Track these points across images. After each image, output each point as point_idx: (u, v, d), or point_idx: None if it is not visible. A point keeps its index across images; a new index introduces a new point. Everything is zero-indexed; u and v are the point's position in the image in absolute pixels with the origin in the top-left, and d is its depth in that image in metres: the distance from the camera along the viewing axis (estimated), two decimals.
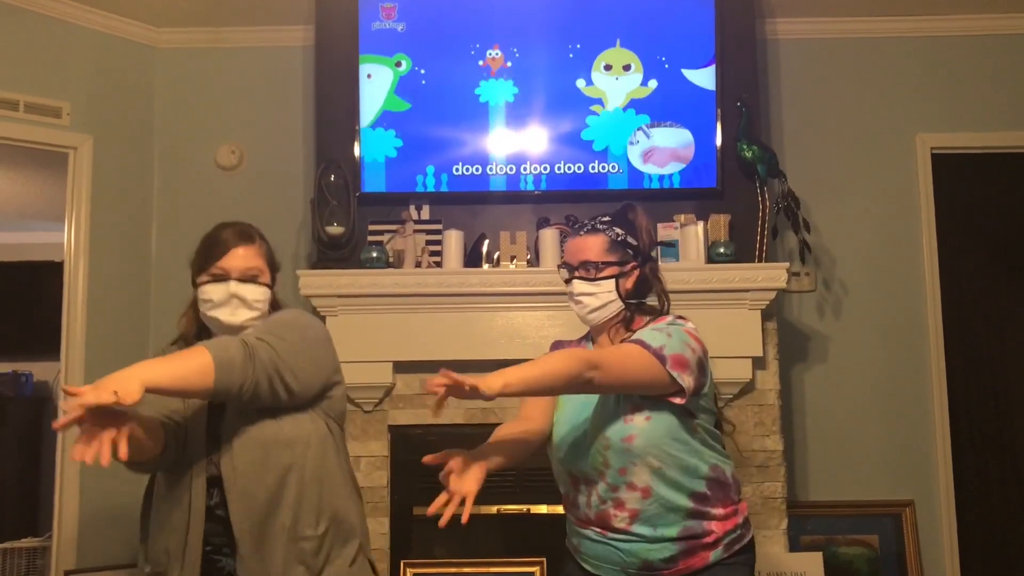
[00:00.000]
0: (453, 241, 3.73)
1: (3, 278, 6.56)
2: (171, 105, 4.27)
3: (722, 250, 3.70)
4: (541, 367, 1.90)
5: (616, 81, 3.87)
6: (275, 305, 2.25)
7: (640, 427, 2.04)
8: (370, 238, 3.82)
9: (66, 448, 3.86)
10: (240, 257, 2.15)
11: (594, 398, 2.11)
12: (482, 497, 3.63)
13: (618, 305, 2.16)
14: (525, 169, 3.86)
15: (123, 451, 1.71)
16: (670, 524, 2.06)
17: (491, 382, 1.79)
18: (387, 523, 3.69)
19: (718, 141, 3.85)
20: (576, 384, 1.91)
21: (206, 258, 2.16)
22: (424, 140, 3.87)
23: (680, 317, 2.15)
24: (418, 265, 3.75)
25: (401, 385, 3.76)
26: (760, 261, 3.74)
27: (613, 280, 2.15)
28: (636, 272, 2.18)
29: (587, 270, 2.16)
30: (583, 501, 2.13)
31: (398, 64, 3.88)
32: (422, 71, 3.88)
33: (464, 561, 3.60)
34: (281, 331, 2.08)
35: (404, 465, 3.74)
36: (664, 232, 3.76)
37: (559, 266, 2.25)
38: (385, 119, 3.87)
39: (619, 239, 2.17)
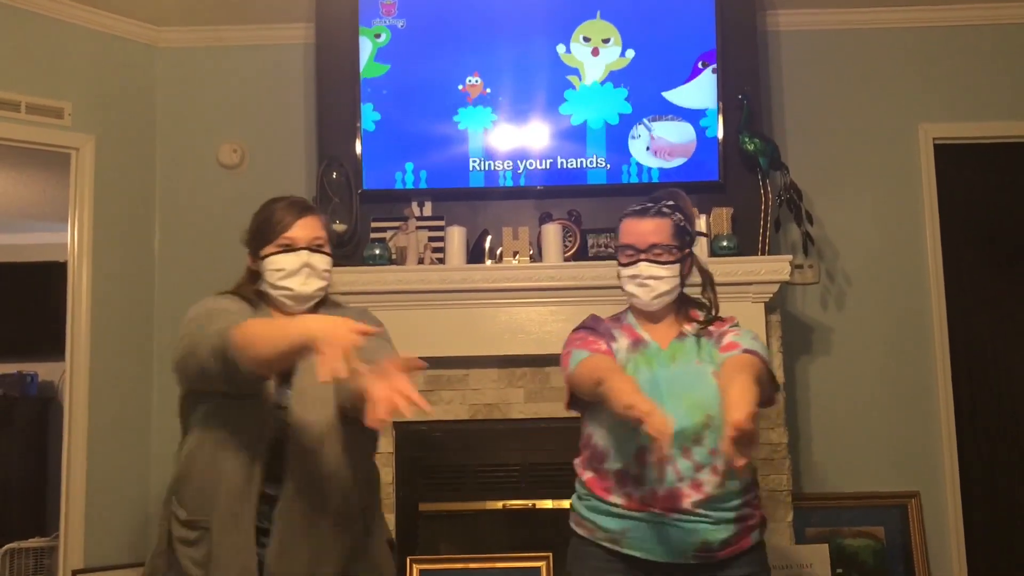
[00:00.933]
0: (455, 237, 3.73)
1: (7, 279, 6.58)
2: (172, 104, 4.27)
3: (725, 243, 3.70)
4: (753, 388, 1.91)
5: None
6: None
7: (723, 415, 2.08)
8: (372, 235, 3.82)
9: (72, 448, 3.87)
10: (306, 227, 2.16)
11: (678, 373, 2.14)
12: (487, 492, 3.71)
13: (679, 290, 2.23)
14: (525, 164, 3.86)
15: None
16: (729, 507, 2.11)
17: (739, 417, 1.79)
18: (393, 520, 3.69)
19: (720, 134, 3.84)
20: None
21: (269, 230, 2.15)
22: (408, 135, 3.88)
23: (728, 317, 2.27)
24: (421, 262, 3.75)
25: None
26: (763, 254, 3.73)
27: (678, 265, 2.20)
28: (690, 258, 2.24)
29: (657, 253, 2.17)
30: (650, 476, 2.09)
31: (377, 36, 3.88)
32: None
33: (470, 557, 3.61)
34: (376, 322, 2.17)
35: (409, 462, 3.75)
36: None
37: (617, 247, 2.24)
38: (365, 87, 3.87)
39: (681, 224, 2.22)
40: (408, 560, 3.58)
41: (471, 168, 3.85)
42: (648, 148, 3.85)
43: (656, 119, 3.85)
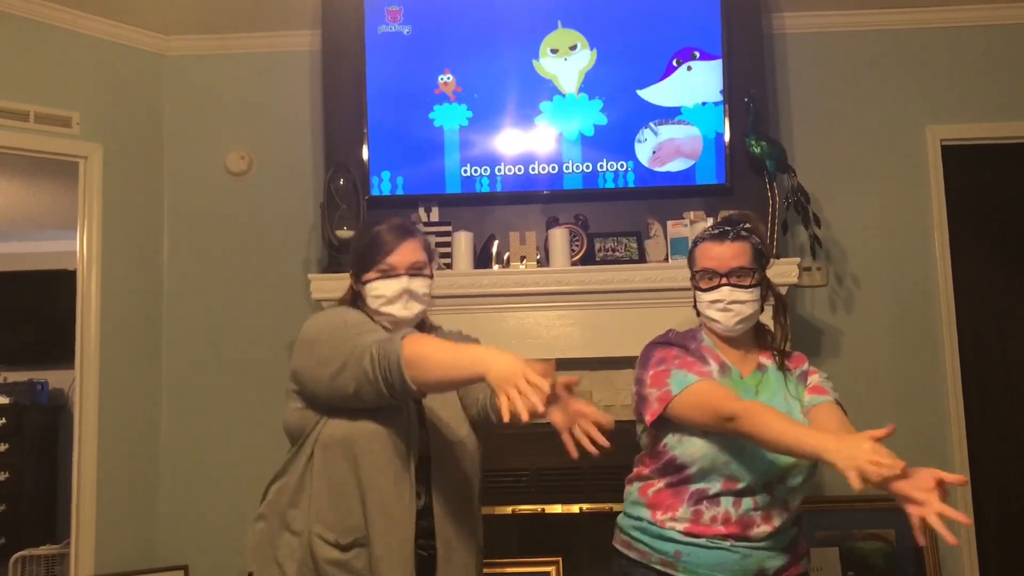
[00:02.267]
0: (463, 242, 3.73)
1: (17, 287, 6.61)
2: (180, 112, 4.28)
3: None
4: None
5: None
6: None
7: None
8: None
9: (82, 455, 3.88)
10: (406, 252, 2.18)
11: (787, 406, 2.15)
12: (496, 497, 3.70)
13: (760, 313, 2.20)
14: (532, 169, 3.86)
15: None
16: (786, 537, 2.15)
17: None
18: None
19: (727, 137, 3.84)
20: None
21: (372, 254, 2.18)
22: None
23: (798, 354, 2.31)
24: None
25: None
26: (771, 256, 3.72)
27: (759, 288, 2.18)
28: (767, 283, 2.22)
29: (741, 276, 2.15)
30: (730, 503, 2.10)
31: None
32: None
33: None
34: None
35: None
36: (673, 230, 3.76)
37: (695, 272, 2.21)
38: None
39: (759, 247, 2.19)
40: None
41: (464, 175, 3.86)
42: (654, 152, 3.85)
43: (662, 123, 3.85)
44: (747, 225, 2.20)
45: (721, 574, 2.09)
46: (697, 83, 3.87)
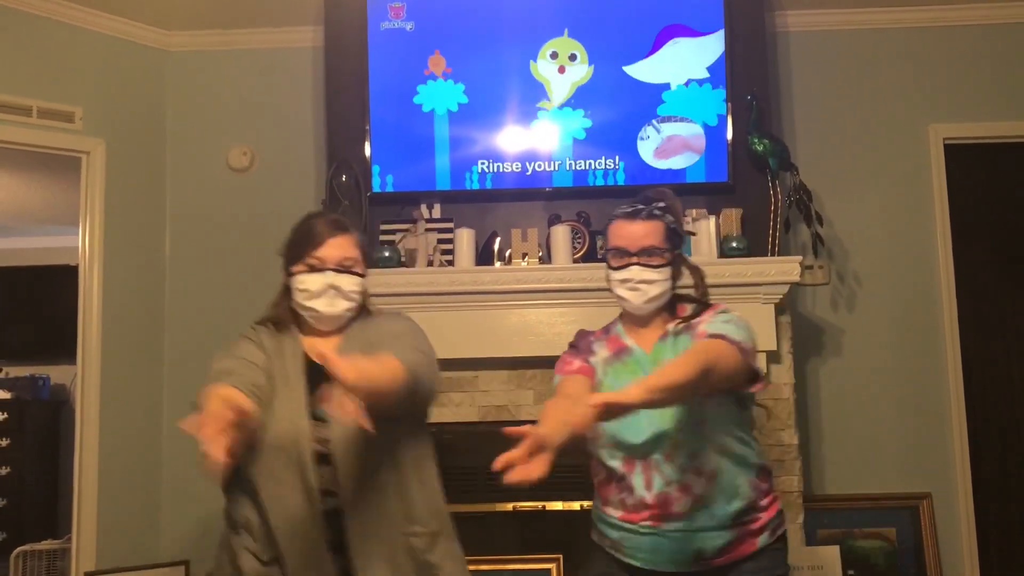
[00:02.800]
0: (465, 239, 3.73)
1: (19, 282, 6.61)
2: (182, 108, 4.28)
3: (734, 244, 3.69)
4: (678, 373, 1.81)
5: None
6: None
7: (712, 412, 2.05)
8: (382, 238, 3.83)
9: (84, 451, 3.89)
10: (336, 246, 2.14)
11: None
12: (497, 494, 3.70)
13: (670, 293, 2.17)
14: (534, 166, 3.86)
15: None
16: (727, 511, 2.06)
17: (633, 392, 1.73)
18: None
19: (729, 135, 3.84)
20: (694, 389, 1.87)
21: (301, 247, 2.15)
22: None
23: (715, 304, 2.18)
24: (430, 264, 3.76)
25: None
26: (773, 255, 3.72)
27: (670, 268, 2.15)
28: (679, 260, 2.19)
29: (651, 256, 2.13)
30: (640, 483, 2.07)
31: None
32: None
33: (480, 558, 3.60)
34: (421, 344, 2.12)
35: None
36: None
37: (607, 250, 2.19)
38: None
39: (672, 226, 2.17)
40: None
41: (460, 171, 3.86)
42: (657, 149, 3.84)
43: (665, 120, 3.85)
44: (661, 204, 2.17)
45: (658, 558, 2.08)
46: (684, 58, 3.86)
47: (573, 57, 3.88)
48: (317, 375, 2.02)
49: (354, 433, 1.98)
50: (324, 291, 2.11)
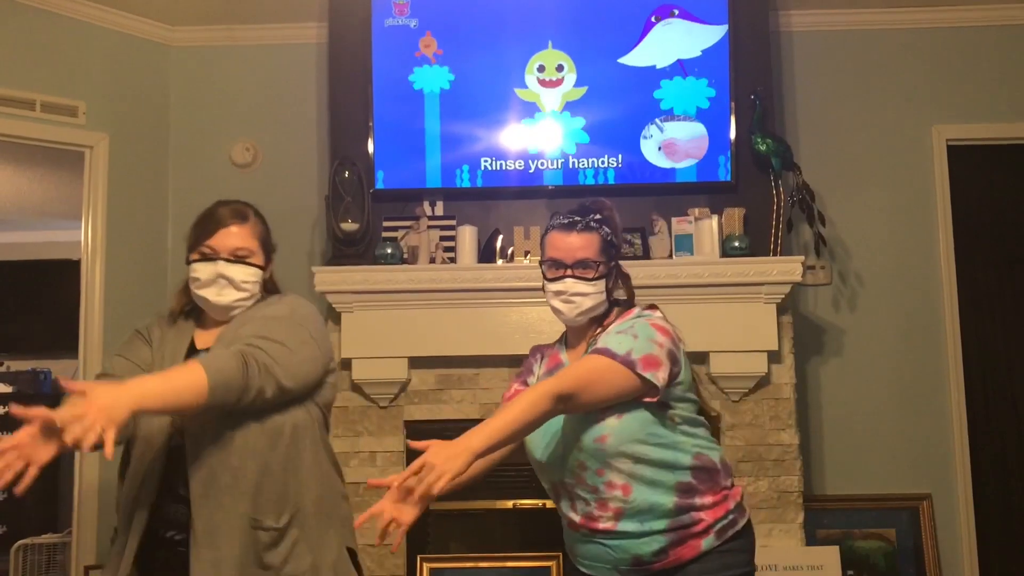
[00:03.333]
0: (467, 237, 3.73)
1: (22, 276, 6.62)
2: (186, 103, 4.29)
3: (737, 244, 3.69)
4: (509, 420, 1.84)
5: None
6: (271, 288, 2.23)
7: (612, 426, 2.00)
8: (384, 234, 3.83)
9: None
10: (231, 236, 2.12)
11: None
12: (498, 492, 3.71)
13: (604, 305, 2.15)
14: (537, 164, 3.86)
15: (23, 485, 1.77)
16: (657, 517, 2.01)
17: (454, 464, 1.73)
18: None
19: (732, 134, 3.83)
20: (549, 417, 1.91)
21: (198, 235, 2.14)
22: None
23: (649, 307, 2.14)
24: (432, 261, 3.76)
25: (416, 381, 3.77)
26: (775, 255, 3.72)
27: (603, 280, 2.12)
28: (615, 272, 2.16)
29: (585, 269, 2.10)
30: (566, 506, 2.11)
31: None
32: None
33: (481, 556, 3.62)
34: (278, 332, 2.03)
35: None
36: (678, 226, 3.76)
37: (541, 262, 2.18)
38: None
39: (608, 238, 2.14)
40: (419, 559, 3.59)
41: (482, 168, 3.86)
42: (660, 149, 3.85)
43: (668, 119, 3.85)
44: (597, 216, 2.15)
45: (601, 564, 2.08)
46: (676, 40, 3.87)
47: (560, 68, 3.87)
48: None
49: (209, 425, 1.98)
50: (214, 280, 2.10)
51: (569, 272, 2.11)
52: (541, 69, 3.88)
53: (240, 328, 2.07)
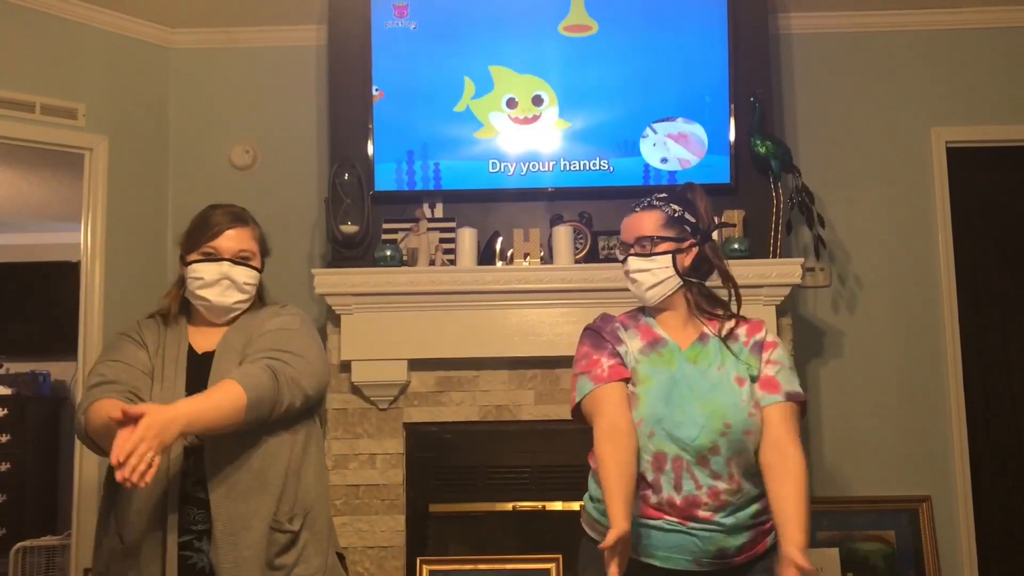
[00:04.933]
0: (467, 239, 3.73)
1: (21, 279, 6.62)
2: (185, 105, 4.29)
3: (736, 246, 3.69)
4: (806, 505, 1.99)
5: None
6: (259, 293, 2.26)
7: (757, 425, 2.05)
8: (384, 236, 3.83)
9: (84, 448, 3.88)
10: (233, 238, 2.16)
11: (697, 377, 2.08)
12: (497, 494, 3.71)
13: (676, 281, 2.13)
14: (536, 166, 3.86)
15: (149, 476, 1.78)
16: (749, 514, 2.08)
17: (800, 559, 1.92)
18: (403, 520, 3.70)
19: (731, 136, 3.84)
20: None
21: (198, 237, 2.17)
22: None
23: (755, 320, 2.20)
24: (432, 263, 3.76)
25: (416, 383, 3.77)
26: (774, 257, 3.72)
27: (670, 256, 2.12)
28: (694, 250, 2.14)
29: (642, 245, 2.13)
30: (667, 483, 2.04)
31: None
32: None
33: (480, 558, 3.61)
34: (296, 344, 2.10)
35: (419, 462, 3.76)
36: None
37: (616, 245, 2.21)
38: None
39: (676, 215, 2.14)
40: (418, 561, 3.59)
41: (491, 170, 3.86)
42: (658, 150, 3.84)
43: (666, 120, 3.85)
44: (662, 195, 2.18)
45: (679, 556, 2.05)
46: None
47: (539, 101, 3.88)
48: (198, 367, 2.08)
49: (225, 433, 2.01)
50: (218, 280, 2.13)
51: (631, 251, 2.15)
52: (511, 104, 3.89)
53: (257, 340, 2.10)
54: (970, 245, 4.16)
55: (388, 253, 3.70)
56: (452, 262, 3.76)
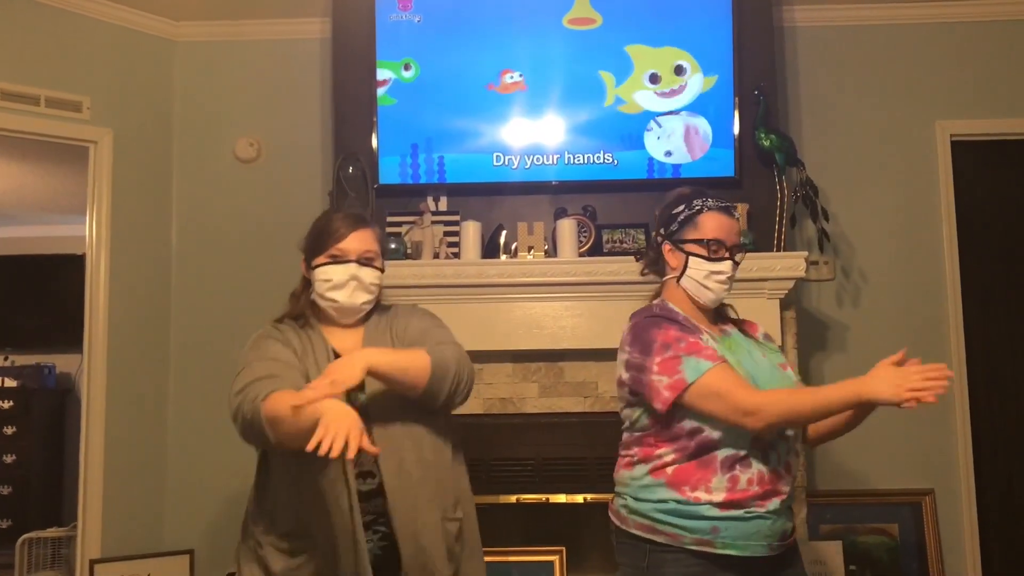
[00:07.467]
0: (471, 232, 3.74)
1: (26, 271, 6.64)
2: (190, 98, 4.29)
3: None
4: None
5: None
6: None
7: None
8: (388, 229, 3.83)
9: (90, 439, 3.91)
10: (358, 240, 2.20)
11: (754, 359, 2.18)
12: (501, 486, 3.71)
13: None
14: (540, 160, 3.86)
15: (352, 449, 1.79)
16: (792, 495, 2.16)
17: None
18: None
19: (736, 130, 3.83)
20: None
21: (324, 240, 2.21)
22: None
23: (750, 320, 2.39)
24: (436, 256, 3.76)
25: None
26: (779, 250, 3.73)
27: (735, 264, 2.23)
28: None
29: (741, 253, 2.22)
30: (758, 455, 2.07)
31: (406, 67, 3.88)
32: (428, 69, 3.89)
33: (484, 550, 3.61)
34: (451, 336, 2.24)
35: None
36: None
37: (708, 240, 2.17)
38: None
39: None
40: None
41: (495, 163, 3.86)
42: (663, 143, 3.84)
43: (671, 114, 3.84)
44: (723, 202, 2.28)
45: (756, 542, 2.06)
46: None
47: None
48: None
49: (392, 421, 2.09)
50: (347, 282, 2.17)
51: (728, 256, 2.19)
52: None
53: (418, 337, 2.20)
54: (974, 238, 4.16)
55: (392, 246, 3.70)
56: (456, 255, 3.76)
